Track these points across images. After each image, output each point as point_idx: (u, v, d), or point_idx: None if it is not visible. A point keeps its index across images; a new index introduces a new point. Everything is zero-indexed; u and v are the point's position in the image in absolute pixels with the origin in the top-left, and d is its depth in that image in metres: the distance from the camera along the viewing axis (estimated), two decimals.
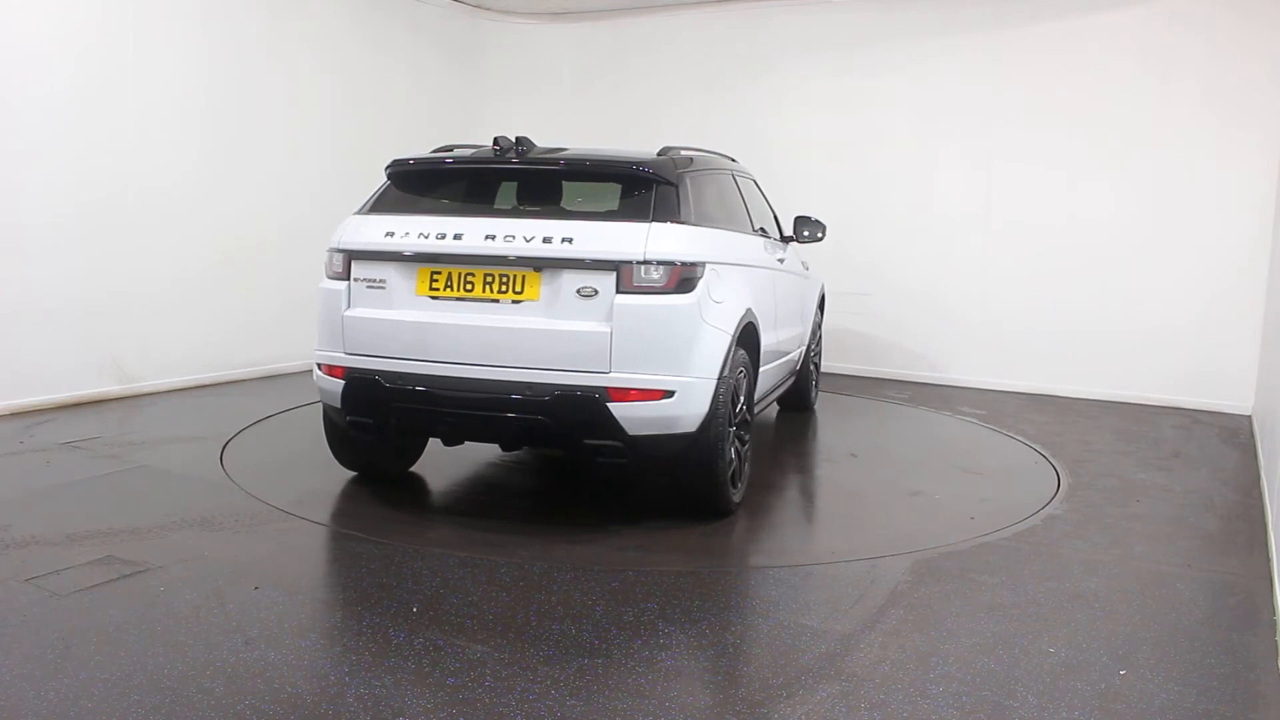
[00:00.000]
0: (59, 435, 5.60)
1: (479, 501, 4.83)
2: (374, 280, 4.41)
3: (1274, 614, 3.61)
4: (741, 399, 4.60)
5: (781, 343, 5.61)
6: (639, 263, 4.06)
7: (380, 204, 4.65)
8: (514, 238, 4.18)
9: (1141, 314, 7.62)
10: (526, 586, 3.65)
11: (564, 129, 9.15)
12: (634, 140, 6.39)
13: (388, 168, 4.77)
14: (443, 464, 5.34)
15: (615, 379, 4.05)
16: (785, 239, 6.17)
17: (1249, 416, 7.24)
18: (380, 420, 4.47)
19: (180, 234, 6.99)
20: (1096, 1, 7.58)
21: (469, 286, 4.27)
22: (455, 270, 4.28)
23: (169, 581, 3.57)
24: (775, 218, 6.20)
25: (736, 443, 4.58)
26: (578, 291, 4.10)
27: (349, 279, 4.46)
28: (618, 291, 4.06)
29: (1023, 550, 4.24)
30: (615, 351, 4.04)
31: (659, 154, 4.64)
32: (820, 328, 7.23)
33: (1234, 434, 6.74)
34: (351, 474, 5.08)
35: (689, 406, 4.15)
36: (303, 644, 3.13)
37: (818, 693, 2.89)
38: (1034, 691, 2.94)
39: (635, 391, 4.05)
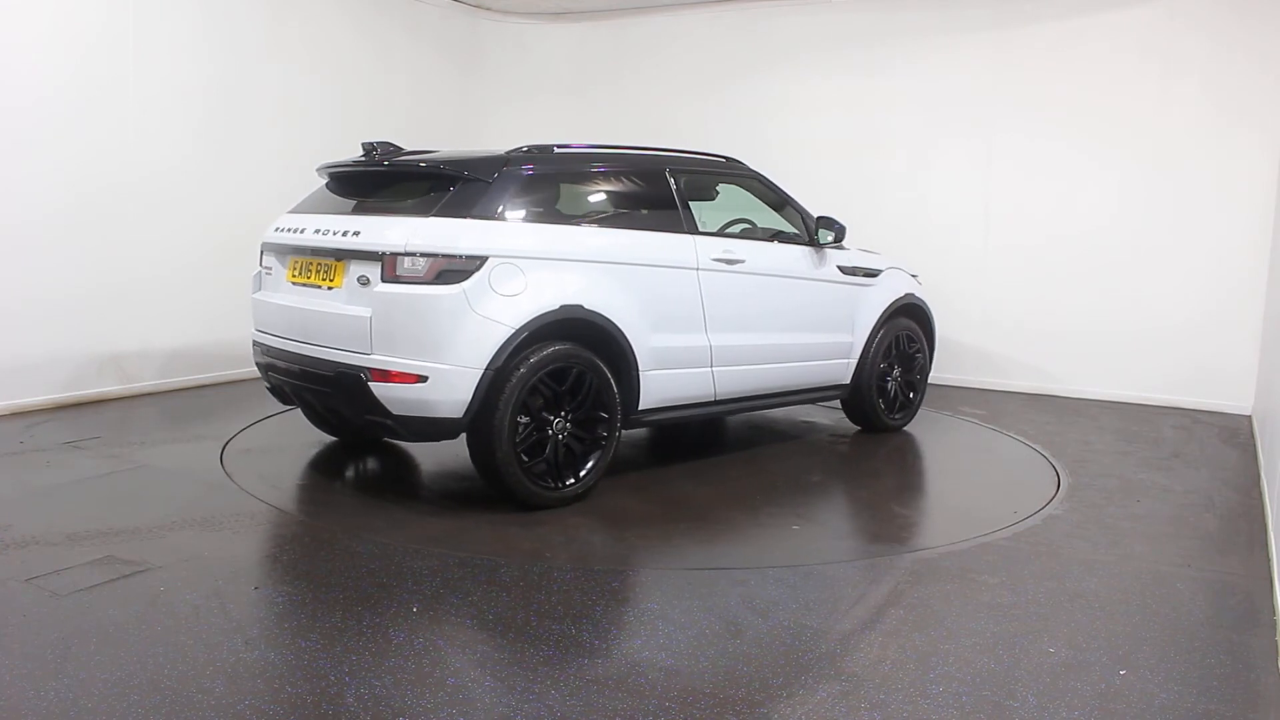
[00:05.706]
0: (59, 435, 5.60)
1: (480, 501, 4.83)
2: (268, 268, 5.09)
3: (1274, 614, 3.61)
4: (584, 395, 4.61)
5: (731, 349, 5.36)
6: (398, 254, 4.30)
7: (299, 204, 5.18)
8: (329, 232, 4.62)
9: (1141, 314, 7.61)
10: (526, 586, 3.65)
11: (563, 129, 9.15)
12: (632, 140, 6.38)
13: (317, 170, 5.26)
14: (443, 464, 5.35)
15: (374, 360, 4.37)
16: (810, 242, 5.96)
17: (1249, 416, 7.24)
18: (269, 386, 5.14)
19: (180, 234, 6.99)
20: (1097, 1, 7.58)
21: (308, 274, 4.76)
22: (303, 260, 4.80)
23: (169, 581, 3.57)
24: (804, 219, 5.96)
25: (572, 439, 4.61)
26: (358, 280, 4.44)
27: (260, 267, 5.16)
28: (382, 280, 4.34)
29: (1023, 550, 4.24)
30: (374, 335, 4.36)
31: (508, 151, 4.76)
32: (912, 342, 6.63)
33: (1234, 434, 6.74)
34: (350, 474, 5.14)
35: (446, 393, 4.30)
36: (303, 644, 3.13)
37: (818, 693, 2.89)
38: (1034, 691, 2.94)
39: (392, 373, 4.33)
